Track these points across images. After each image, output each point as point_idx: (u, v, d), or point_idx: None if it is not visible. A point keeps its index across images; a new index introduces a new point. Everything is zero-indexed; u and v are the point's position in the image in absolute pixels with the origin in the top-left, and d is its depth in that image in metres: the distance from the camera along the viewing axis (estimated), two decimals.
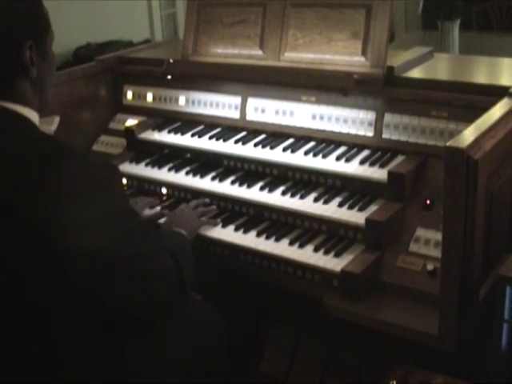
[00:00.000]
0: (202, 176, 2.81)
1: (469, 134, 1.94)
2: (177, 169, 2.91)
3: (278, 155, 2.73)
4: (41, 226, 1.63)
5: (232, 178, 2.76)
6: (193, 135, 3.02)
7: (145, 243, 1.83)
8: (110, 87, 3.45)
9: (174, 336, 2.18)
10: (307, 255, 2.36)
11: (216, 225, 2.59)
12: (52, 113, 3.08)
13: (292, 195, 2.57)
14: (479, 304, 2.04)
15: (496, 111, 2.14)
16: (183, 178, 2.85)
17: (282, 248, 2.41)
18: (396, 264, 2.26)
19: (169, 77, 3.12)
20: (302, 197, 2.55)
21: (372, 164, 2.54)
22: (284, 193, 2.59)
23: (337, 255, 2.33)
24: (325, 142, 2.75)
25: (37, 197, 1.63)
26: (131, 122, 3.25)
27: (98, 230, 1.68)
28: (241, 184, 2.70)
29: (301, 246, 2.40)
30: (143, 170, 2.99)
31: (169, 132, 3.10)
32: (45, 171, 1.64)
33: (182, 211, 2.54)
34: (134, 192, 2.96)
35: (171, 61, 3.09)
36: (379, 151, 2.62)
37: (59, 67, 4.84)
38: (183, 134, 3.05)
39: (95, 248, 1.67)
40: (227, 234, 2.54)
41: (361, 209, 2.42)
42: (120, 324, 1.87)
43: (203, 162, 2.93)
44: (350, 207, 2.44)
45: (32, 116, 1.82)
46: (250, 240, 2.49)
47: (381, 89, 2.60)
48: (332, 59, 2.72)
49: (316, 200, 2.52)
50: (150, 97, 3.33)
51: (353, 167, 2.56)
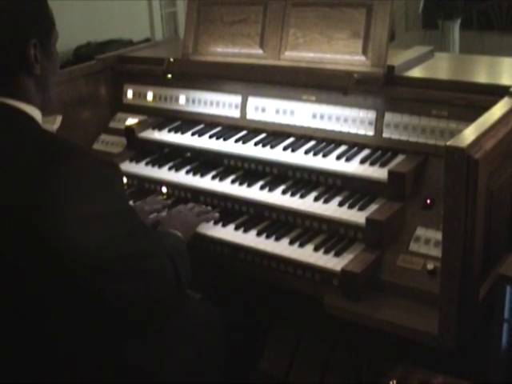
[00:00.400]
0: (203, 175, 2.81)
1: (469, 134, 1.94)
2: (177, 168, 2.91)
3: (279, 154, 2.73)
4: (41, 225, 1.63)
5: (232, 177, 2.76)
6: (193, 134, 3.02)
7: (144, 242, 1.84)
8: (111, 86, 3.45)
9: (174, 335, 2.18)
10: (307, 254, 2.35)
11: (215, 218, 2.58)
12: (52, 112, 3.09)
13: (292, 194, 2.57)
14: (479, 303, 2.04)
15: (496, 111, 2.13)
16: (183, 177, 2.85)
17: (282, 247, 2.41)
18: (396, 263, 2.26)
19: (169, 76, 3.12)
20: (303, 196, 2.55)
21: (372, 163, 2.54)
22: (284, 192, 2.59)
23: (337, 254, 2.32)
24: (325, 141, 2.75)
25: (37, 195, 1.63)
26: (131, 121, 3.25)
27: (98, 229, 1.68)
28: (241, 183, 2.70)
29: (301, 246, 2.40)
30: (143, 169, 2.99)
31: (169, 131, 3.10)
32: (46, 170, 1.64)
33: (178, 212, 2.53)
34: (135, 191, 2.96)
35: (171, 60, 3.09)
36: (379, 150, 2.62)
37: (60, 66, 4.86)
38: (183, 133, 3.05)
39: (95, 247, 1.67)
40: (227, 233, 2.54)
41: (361, 208, 2.42)
42: (119, 323, 1.87)
43: (203, 161, 2.93)
44: (351, 206, 2.44)
45: (35, 114, 1.82)
46: (250, 239, 2.49)
47: (381, 88, 2.59)
48: (332, 58, 2.72)
49: (316, 199, 2.52)
50: (151, 96, 3.33)
51: (353, 166, 2.56)
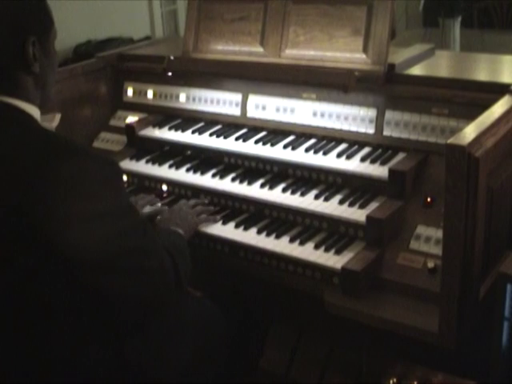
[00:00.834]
0: (203, 173, 2.81)
1: (470, 132, 1.94)
2: (177, 166, 2.91)
3: (279, 152, 2.73)
4: (41, 223, 1.63)
5: (232, 175, 2.75)
6: (193, 132, 3.01)
7: (144, 240, 1.84)
8: (111, 84, 3.45)
9: (174, 334, 2.18)
10: (308, 252, 2.35)
11: (215, 222, 2.58)
12: (52, 109, 3.08)
13: (292, 192, 2.56)
14: (480, 301, 2.04)
15: (497, 108, 2.13)
16: (184, 175, 2.84)
17: (283, 245, 2.41)
18: (396, 261, 2.26)
19: (169, 74, 3.12)
20: (303, 194, 2.54)
21: (373, 161, 2.54)
22: (284, 190, 2.59)
23: (337, 252, 2.32)
24: (325, 139, 2.75)
25: (37, 193, 1.63)
26: (132, 119, 3.25)
27: (98, 227, 1.69)
28: (241, 181, 2.70)
29: (301, 244, 2.40)
30: (144, 167, 2.99)
31: (169, 129, 3.10)
32: (45, 168, 1.64)
33: (180, 209, 2.53)
34: (135, 189, 2.96)
35: (172, 58, 3.09)
36: (380, 148, 2.61)
37: (59, 64, 4.85)
38: (184, 131, 3.04)
39: (94, 245, 1.67)
40: (227, 231, 2.54)
41: (361, 206, 2.42)
42: (118, 321, 1.87)
43: (204, 159, 2.93)
44: (351, 204, 2.44)
45: (34, 112, 1.82)
46: (251, 237, 2.49)
47: (382, 86, 2.59)
48: (333, 56, 2.72)
49: (317, 197, 2.51)
50: (151, 94, 3.32)
51: (354, 164, 2.55)
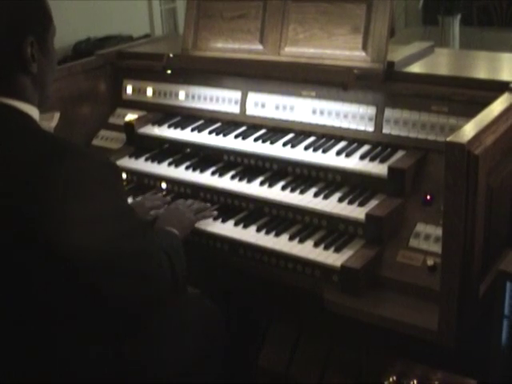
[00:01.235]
0: (202, 171, 2.81)
1: (469, 129, 1.93)
2: (176, 164, 2.91)
3: (278, 150, 2.72)
4: (40, 225, 1.63)
5: (232, 173, 2.75)
6: (193, 130, 3.01)
7: (143, 242, 1.84)
8: (110, 82, 3.44)
9: (174, 332, 2.18)
10: (307, 250, 2.35)
11: (212, 216, 2.58)
12: (51, 107, 3.08)
13: (292, 190, 2.56)
14: (479, 299, 2.04)
15: (496, 106, 2.13)
16: (183, 173, 2.84)
17: (282, 243, 2.41)
18: (396, 259, 2.26)
19: (169, 71, 3.12)
20: (302, 192, 2.54)
21: (372, 159, 2.54)
22: (284, 188, 2.59)
23: (337, 250, 2.32)
24: (325, 137, 2.75)
25: (36, 195, 1.63)
26: (131, 117, 3.24)
27: (97, 229, 1.69)
28: (241, 179, 2.70)
29: (301, 241, 2.40)
30: (143, 165, 2.98)
31: (169, 127, 3.10)
32: (45, 170, 1.64)
33: (176, 209, 2.52)
34: (134, 187, 2.96)
35: (171, 55, 3.08)
36: (379, 146, 2.61)
37: (59, 62, 4.84)
38: (183, 129, 3.04)
39: (94, 246, 1.67)
40: (227, 229, 2.54)
41: (361, 204, 2.42)
42: (117, 322, 1.87)
43: (203, 157, 2.93)
44: (350, 202, 2.44)
45: (32, 112, 1.81)
46: (250, 235, 2.48)
47: (381, 84, 2.59)
48: (332, 54, 2.72)
49: (316, 195, 2.51)
50: (150, 91, 3.32)
51: (353, 162, 2.55)
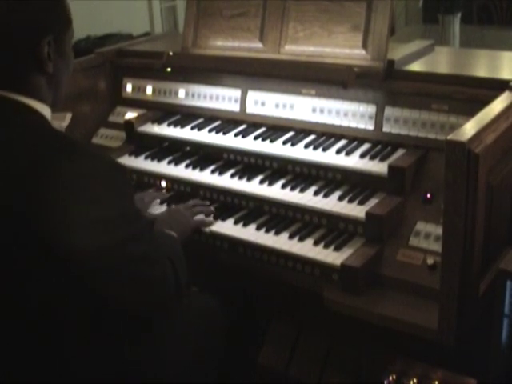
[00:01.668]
0: (202, 169, 2.81)
1: (470, 128, 1.93)
2: (176, 162, 2.90)
3: (278, 148, 2.72)
4: (43, 225, 1.63)
5: (232, 171, 2.75)
6: (192, 128, 3.01)
7: (148, 248, 1.83)
8: (110, 80, 3.44)
9: (174, 333, 2.18)
10: (307, 249, 2.35)
11: (210, 225, 2.56)
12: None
13: (292, 188, 2.56)
14: (479, 298, 2.04)
15: (497, 105, 2.13)
16: (183, 171, 2.84)
17: (282, 241, 2.41)
18: (396, 258, 2.26)
19: (168, 69, 3.11)
20: (302, 190, 2.54)
21: (372, 157, 2.53)
22: (284, 186, 2.59)
23: (337, 249, 2.32)
24: (325, 136, 2.74)
25: (42, 194, 1.62)
26: (131, 115, 3.24)
27: (101, 232, 1.68)
28: (241, 177, 2.69)
29: (301, 240, 2.39)
30: (143, 163, 2.98)
31: (168, 125, 3.10)
32: (51, 169, 1.64)
33: (177, 211, 2.51)
34: (134, 185, 2.95)
35: (171, 53, 3.08)
36: (379, 145, 2.61)
37: None
38: (183, 127, 3.04)
39: (97, 249, 1.66)
40: (227, 228, 2.54)
41: (361, 202, 2.42)
42: (119, 325, 1.87)
43: (203, 155, 2.93)
44: (350, 201, 2.44)
45: (45, 111, 1.81)
46: (250, 233, 2.48)
47: (381, 82, 2.59)
48: (332, 52, 2.72)
49: (316, 193, 2.51)
50: (150, 90, 3.32)
51: (353, 161, 2.55)
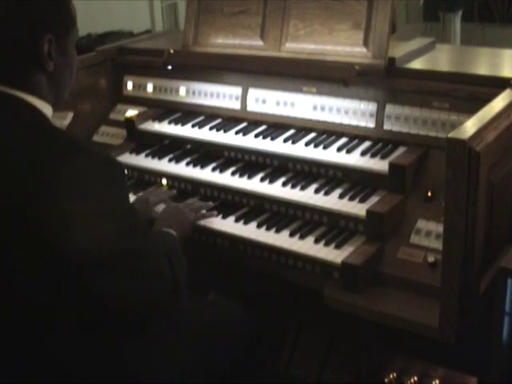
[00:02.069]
0: (203, 167, 2.81)
1: (470, 126, 1.93)
2: (177, 160, 2.90)
3: (279, 146, 2.72)
4: (40, 221, 1.63)
5: (232, 169, 2.75)
6: (193, 126, 3.01)
7: (143, 243, 1.84)
8: (111, 78, 3.44)
9: (173, 331, 2.17)
10: (308, 247, 2.35)
11: (213, 217, 2.57)
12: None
13: (292, 186, 2.56)
14: (480, 296, 2.04)
15: (498, 103, 2.13)
16: (183, 169, 2.84)
17: (283, 239, 2.41)
18: (397, 256, 2.26)
19: (169, 67, 3.11)
20: (303, 188, 2.54)
21: (373, 155, 2.53)
22: (284, 184, 2.58)
23: (337, 247, 2.32)
24: (326, 133, 2.74)
25: (39, 191, 1.63)
26: (131, 113, 3.24)
27: (98, 227, 1.68)
28: (241, 175, 2.69)
29: (301, 238, 2.39)
30: (143, 161, 2.98)
31: (169, 123, 3.09)
32: (47, 167, 1.64)
33: (176, 209, 2.51)
34: (134, 183, 2.96)
35: (172, 51, 3.08)
36: (380, 142, 2.61)
37: None
38: (183, 125, 3.04)
39: (93, 244, 1.66)
40: (227, 226, 2.54)
41: (362, 200, 2.41)
42: (117, 322, 1.87)
43: (203, 153, 2.93)
44: (351, 199, 2.44)
45: (45, 109, 1.82)
46: (251, 231, 2.48)
47: (382, 80, 2.59)
48: (333, 50, 2.71)
49: (317, 191, 2.51)
50: (151, 87, 3.32)
51: (354, 158, 2.55)
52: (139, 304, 1.85)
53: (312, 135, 2.76)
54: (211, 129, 2.95)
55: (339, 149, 2.61)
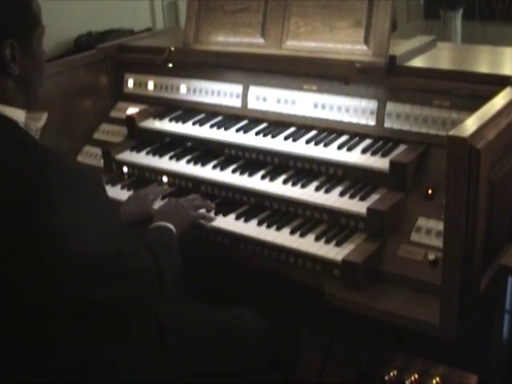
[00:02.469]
0: (203, 165, 2.81)
1: (471, 124, 1.93)
2: (178, 157, 2.90)
3: (280, 144, 2.72)
4: (22, 233, 1.62)
5: (233, 167, 2.75)
6: (194, 124, 3.01)
7: (123, 245, 1.82)
8: (111, 75, 3.44)
9: (159, 331, 2.16)
10: (308, 244, 2.35)
11: (211, 220, 2.56)
12: (53, 101, 3.09)
13: (293, 184, 2.56)
14: (480, 294, 2.04)
15: (498, 100, 2.13)
16: (184, 167, 2.84)
17: (283, 237, 2.41)
18: (397, 253, 2.26)
19: (170, 65, 3.11)
20: (304, 186, 2.54)
21: (374, 153, 2.53)
22: (285, 182, 2.59)
23: (338, 244, 2.32)
24: (326, 131, 2.74)
25: (17, 205, 1.61)
26: (132, 111, 3.24)
27: (78, 238, 1.66)
28: (242, 173, 2.69)
29: (302, 235, 2.39)
30: (144, 159, 2.98)
31: (170, 120, 3.10)
32: (28, 181, 1.62)
33: (176, 203, 2.51)
34: (135, 181, 2.96)
35: (172, 49, 3.08)
36: (381, 140, 2.61)
37: (60, 55, 4.83)
38: (184, 123, 3.04)
39: (75, 253, 1.66)
40: (228, 223, 2.54)
41: (362, 198, 2.42)
42: (99, 322, 1.86)
43: (204, 151, 2.93)
44: (352, 196, 2.44)
45: (15, 115, 1.76)
46: (251, 229, 2.48)
47: (383, 78, 2.59)
48: (334, 48, 2.71)
49: (317, 189, 2.51)
50: (151, 85, 3.32)
51: (354, 156, 2.55)
52: (120, 305, 1.85)
53: (313, 133, 2.76)
54: (212, 126, 2.95)
55: (340, 147, 2.61)
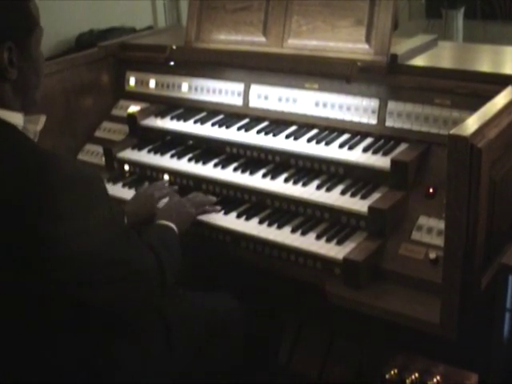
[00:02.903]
0: (205, 163, 2.81)
1: (472, 123, 1.93)
2: (179, 156, 2.91)
3: (281, 142, 2.72)
4: (23, 237, 1.62)
5: (234, 165, 2.75)
6: (195, 122, 3.01)
7: (123, 247, 1.83)
8: (113, 74, 3.45)
9: (162, 330, 2.16)
10: (309, 243, 2.35)
11: (215, 211, 2.57)
12: (54, 100, 3.09)
13: (294, 182, 2.56)
14: (481, 293, 2.04)
15: (500, 100, 2.13)
16: (185, 165, 2.84)
17: (284, 235, 2.41)
18: (398, 252, 2.26)
19: (171, 63, 3.12)
20: (305, 184, 2.54)
21: (375, 152, 2.53)
22: (286, 180, 2.59)
23: (339, 243, 2.32)
24: (328, 130, 2.75)
25: (19, 210, 1.61)
26: (134, 109, 3.24)
27: (80, 243, 1.66)
28: (243, 171, 2.70)
29: (303, 234, 2.40)
30: (145, 157, 2.99)
31: (171, 119, 3.10)
32: (28, 185, 1.62)
33: (179, 202, 2.51)
34: (136, 179, 2.96)
35: (174, 47, 3.09)
36: (382, 139, 2.61)
37: (62, 54, 4.83)
38: (186, 121, 3.04)
39: (71, 255, 1.65)
40: (229, 221, 2.54)
41: (363, 197, 2.42)
42: (102, 323, 1.87)
43: (205, 149, 2.93)
44: (353, 195, 2.44)
45: (13, 118, 1.75)
46: (252, 227, 2.49)
47: (384, 76, 2.59)
48: (335, 46, 2.71)
49: (318, 187, 2.51)
50: (153, 83, 3.32)
51: (356, 155, 2.55)
52: (124, 306, 1.87)
53: (314, 131, 2.76)
54: (213, 125, 2.95)
55: (341, 145, 2.61)
